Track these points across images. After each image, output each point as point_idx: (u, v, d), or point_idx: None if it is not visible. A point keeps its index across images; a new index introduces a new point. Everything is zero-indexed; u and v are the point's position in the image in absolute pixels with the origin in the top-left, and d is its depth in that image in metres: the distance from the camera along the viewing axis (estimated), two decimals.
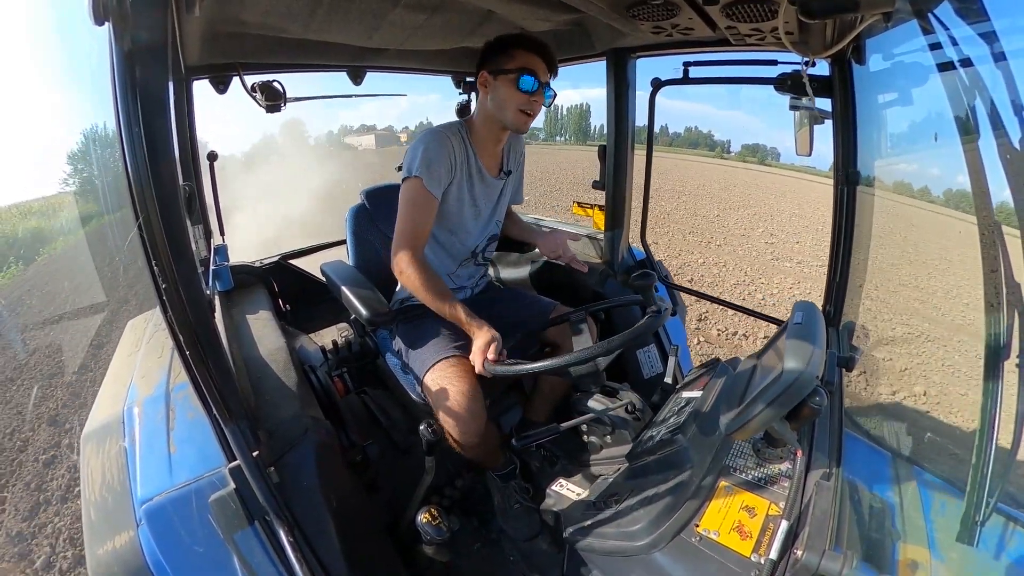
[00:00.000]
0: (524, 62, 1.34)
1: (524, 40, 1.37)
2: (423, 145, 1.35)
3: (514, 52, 1.35)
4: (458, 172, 1.41)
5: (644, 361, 1.85)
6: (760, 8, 1.05)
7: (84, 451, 1.07)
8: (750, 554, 0.82)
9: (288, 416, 1.10)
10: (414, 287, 1.31)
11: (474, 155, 1.46)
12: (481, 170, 1.48)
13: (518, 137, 1.58)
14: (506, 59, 1.35)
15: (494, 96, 1.38)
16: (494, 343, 1.19)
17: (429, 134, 1.39)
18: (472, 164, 1.45)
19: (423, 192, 1.33)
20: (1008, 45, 0.77)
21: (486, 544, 1.47)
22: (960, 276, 6.83)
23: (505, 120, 1.39)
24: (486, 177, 1.50)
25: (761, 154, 78.04)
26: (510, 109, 1.37)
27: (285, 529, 0.87)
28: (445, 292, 1.31)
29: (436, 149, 1.35)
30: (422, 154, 1.34)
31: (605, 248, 2.02)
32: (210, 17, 1.28)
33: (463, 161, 1.42)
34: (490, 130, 1.45)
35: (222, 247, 1.79)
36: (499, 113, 1.39)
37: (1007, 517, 1.02)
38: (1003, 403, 0.88)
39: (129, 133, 0.68)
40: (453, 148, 1.39)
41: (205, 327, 0.84)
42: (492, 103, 1.39)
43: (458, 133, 1.43)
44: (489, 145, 1.48)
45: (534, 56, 1.35)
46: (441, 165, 1.35)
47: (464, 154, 1.43)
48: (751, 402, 0.86)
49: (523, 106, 1.36)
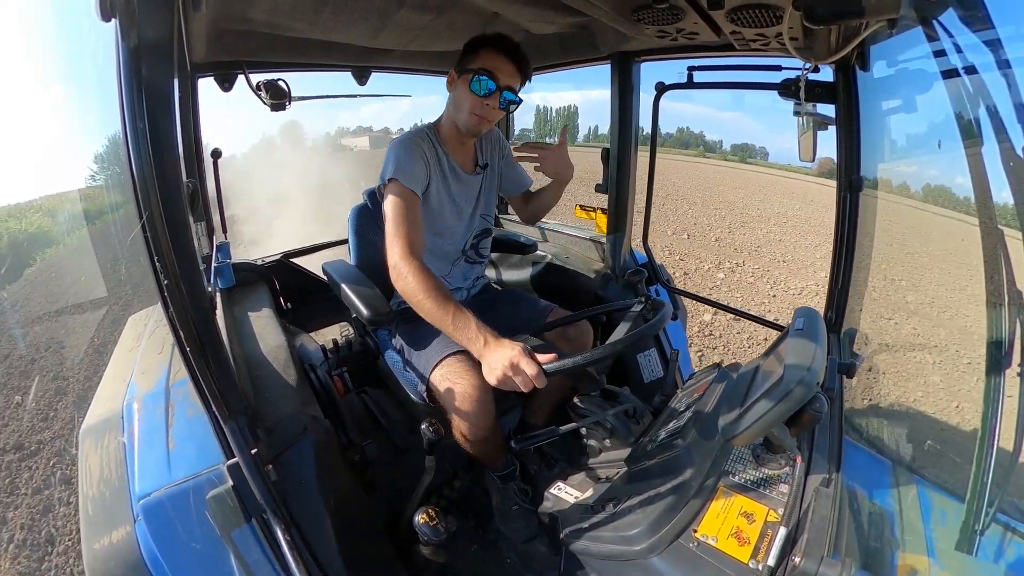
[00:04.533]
0: (485, 63, 1.31)
1: (495, 41, 1.33)
2: (394, 152, 1.35)
3: (480, 51, 1.33)
4: (433, 173, 1.40)
5: (645, 365, 1.84)
6: (765, 14, 1.05)
7: (83, 446, 1.08)
8: (748, 560, 0.82)
9: (287, 414, 1.10)
10: (414, 298, 1.17)
11: (445, 155, 1.45)
12: (455, 168, 1.48)
13: (491, 128, 1.52)
14: (471, 58, 1.33)
15: (453, 95, 1.38)
16: (526, 350, 1.03)
17: (397, 142, 1.39)
18: (445, 164, 1.45)
19: (404, 190, 1.30)
20: (1012, 52, 0.77)
21: (483, 545, 1.47)
22: (962, 277, 6.90)
23: (458, 121, 1.38)
24: (461, 175, 1.49)
25: (742, 154, 79.50)
26: (463, 110, 1.36)
27: (282, 527, 0.87)
28: (449, 302, 1.15)
29: (407, 152, 1.35)
30: (394, 159, 1.33)
31: (607, 252, 2.02)
32: (216, 14, 1.29)
33: (435, 162, 1.42)
34: (455, 129, 1.43)
35: (224, 244, 1.80)
36: (455, 113, 1.39)
37: (1006, 527, 1.01)
38: (1004, 412, 0.88)
39: (134, 129, 0.68)
40: (424, 151, 1.38)
41: (206, 324, 0.84)
42: (452, 102, 1.39)
43: (427, 137, 1.43)
44: (457, 143, 1.47)
45: (501, 57, 1.32)
46: (415, 165, 1.34)
47: (435, 155, 1.42)
48: (751, 407, 0.86)
49: (476, 109, 1.34)
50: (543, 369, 1.00)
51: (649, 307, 1.29)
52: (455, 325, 1.11)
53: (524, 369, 0.99)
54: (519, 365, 0.99)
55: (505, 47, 1.33)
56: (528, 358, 1.00)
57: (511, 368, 1.00)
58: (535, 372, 0.99)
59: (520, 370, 0.99)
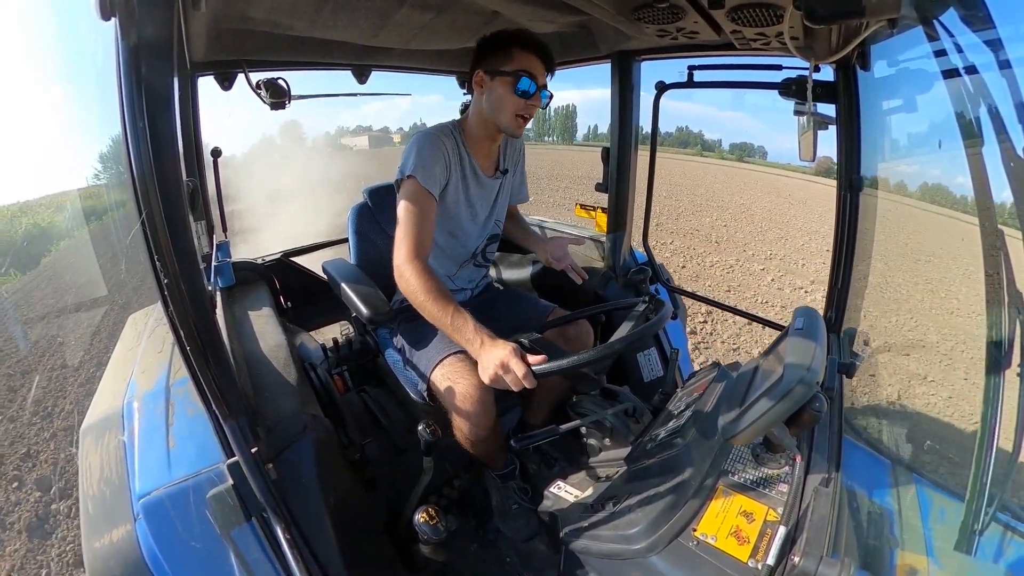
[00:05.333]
0: (522, 63, 1.31)
1: (522, 39, 1.33)
2: (416, 147, 1.33)
3: (512, 52, 1.31)
4: (453, 173, 1.39)
5: (644, 364, 1.84)
6: (765, 13, 1.05)
7: (83, 444, 1.08)
8: (747, 559, 0.82)
9: (287, 413, 1.10)
10: (416, 299, 1.20)
11: (468, 155, 1.44)
12: (476, 170, 1.47)
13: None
14: (503, 59, 1.32)
15: (490, 97, 1.36)
16: (517, 351, 1.06)
17: (422, 136, 1.37)
18: (467, 165, 1.44)
19: (420, 190, 1.30)
20: (1013, 52, 0.77)
21: (483, 544, 1.47)
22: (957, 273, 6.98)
23: (500, 123, 1.37)
24: (481, 177, 1.48)
25: (739, 152, 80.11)
26: (506, 112, 1.34)
27: (282, 526, 0.87)
28: (449, 303, 1.18)
29: (430, 149, 1.33)
30: (415, 155, 1.32)
31: (607, 251, 2.01)
32: (216, 13, 1.29)
33: (457, 162, 1.40)
34: (486, 130, 1.43)
35: (224, 243, 1.80)
36: (495, 115, 1.37)
37: (1006, 526, 1.01)
38: (1003, 412, 0.88)
39: (134, 128, 0.68)
40: (447, 149, 1.36)
41: (206, 323, 0.84)
42: (488, 104, 1.37)
43: (451, 134, 1.41)
44: (484, 145, 1.47)
45: (532, 57, 1.32)
46: (436, 164, 1.33)
47: (458, 155, 1.41)
48: (751, 407, 0.86)
49: (520, 110, 1.34)
50: (531, 370, 1.02)
51: (651, 307, 1.29)
52: (454, 326, 1.14)
53: (513, 369, 1.02)
54: (509, 365, 1.02)
55: (535, 46, 1.32)
56: (518, 359, 1.03)
57: (501, 368, 1.03)
58: (523, 372, 1.01)
59: (510, 370, 1.02)
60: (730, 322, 4.72)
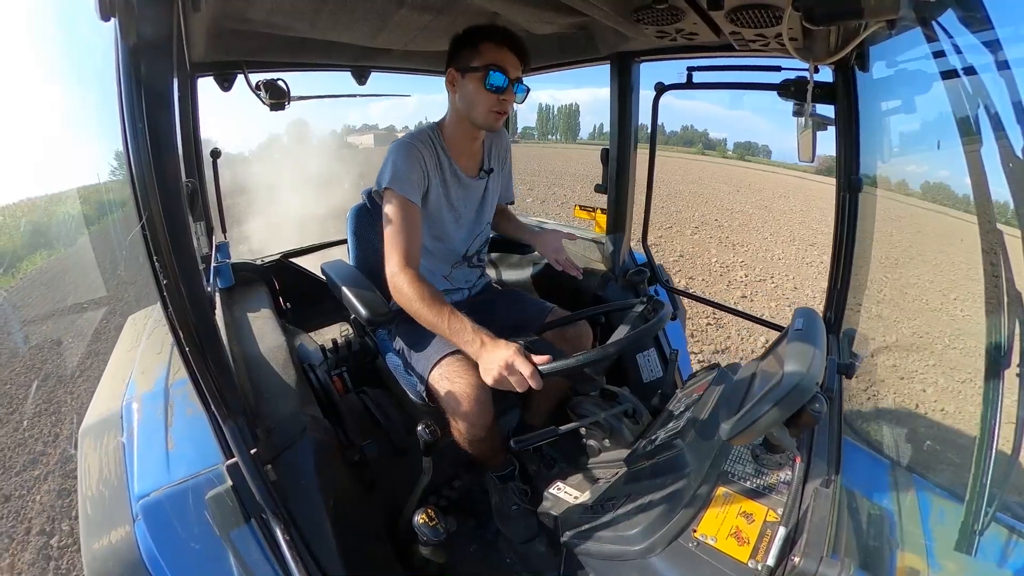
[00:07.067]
0: (492, 58, 1.29)
1: (492, 32, 1.31)
2: (390, 158, 1.33)
3: (481, 47, 1.30)
4: (432, 178, 1.38)
5: (644, 365, 1.84)
6: (764, 14, 1.05)
7: (82, 446, 1.07)
8: (747, 560, 0.82)
9: (287, 414, 1.10)
10: (411, 307, 1.21)
11: (447, 158, 1.43)
12: (457, 173, 1.45)
13: (500, 131, 1.54)
14: (473, 55, 1.31)
15: (463, 95, 1.35)
16: (522, 351, 1.05)
17: (396, 145, 1.36)
18: (446, 168, 1.43)
19: (400, 200, 1.29)
20: (1011, 53, 0.77)
21: (483, 546, 1.47)
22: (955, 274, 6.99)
23: (475, 120, 1.36)
24: (463, 179, 1.47)
25: (741, 151, 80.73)
26: (479, 108, 1.33)
27: (281, 527, 0.87)
28: (444, 308, 1.18)
29: (404, 159, 1.32)
30: (391, 166, 1.31)
31: (606, 251, 2.01)
32: (216, 14, 1.29)
33: (436, 166, 1.39)
34: (463, 129, 1.42)
35: (224, 244, 1.80)
36: (469, 112, 1.36)
37: (1006, 527, 1.01)
38: (1003, 412, 0.88)
39: (133, 129, 0.68)
40: (422, 155, 1.35)
41: (205, 324, 0.84)
42: (461, 102, 1.36)
43: (427, 139, 1.40)
44: (464, 145, 1.45)
45: (503, 50, 1.30)
46: (412, 172, 1.32)
47: (436, 159, 1.40)
48: (751, 408, 0.86)
49: (493, 106, 1.33)
50: (538, 369, 1.00)
51: (650, 308, 1.29)
52: (452, 329, 1.14)
53: (519, 369, 1.00)
54: (514, 365, 1.01)
55: (504, 38, 1.31)
56: (523, 358, 1.02)
57: (506, 368, 1.02)
58: (530, 372, 1.00)
59: (515, 370, 1.01)
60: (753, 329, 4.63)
